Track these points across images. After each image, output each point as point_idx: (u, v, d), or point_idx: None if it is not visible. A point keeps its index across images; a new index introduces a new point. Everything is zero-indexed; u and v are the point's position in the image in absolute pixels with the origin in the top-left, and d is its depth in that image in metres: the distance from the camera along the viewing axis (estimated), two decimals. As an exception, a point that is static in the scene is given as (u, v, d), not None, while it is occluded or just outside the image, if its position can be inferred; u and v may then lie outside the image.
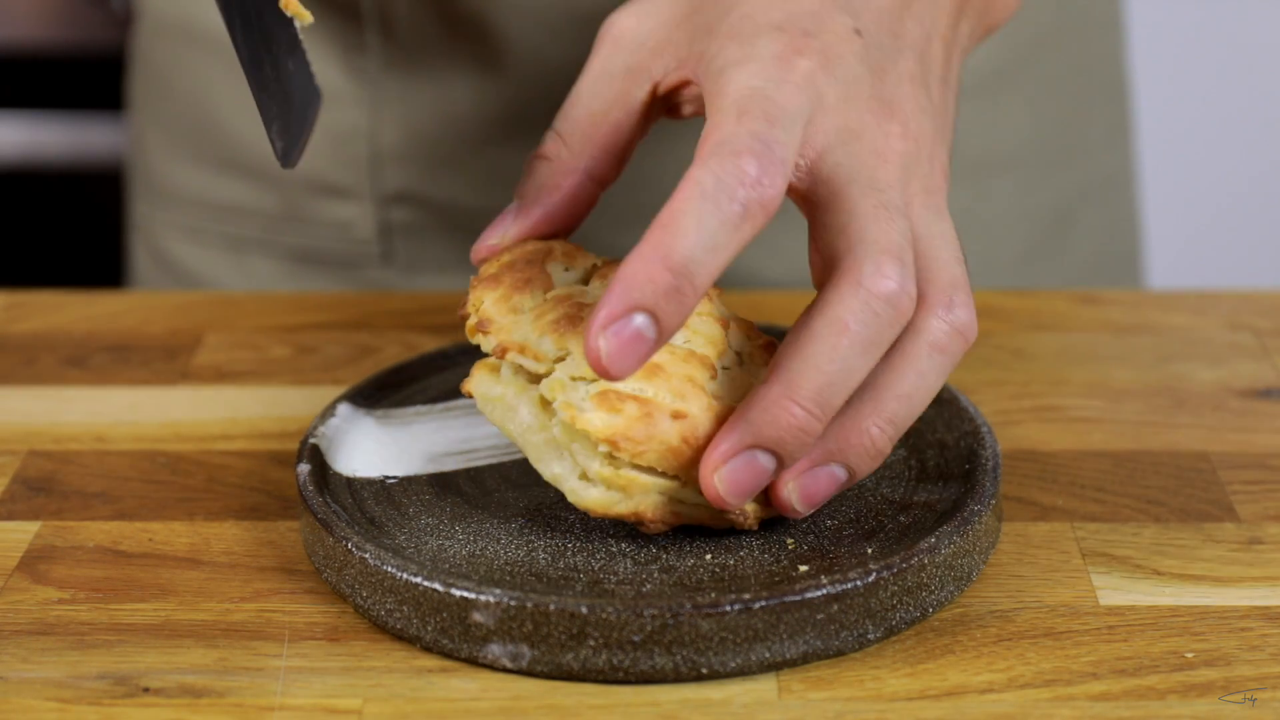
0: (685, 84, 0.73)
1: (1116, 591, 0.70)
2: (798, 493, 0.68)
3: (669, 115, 0.76)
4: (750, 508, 0.69)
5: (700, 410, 0.68)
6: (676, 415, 0.67)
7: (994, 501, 0.72)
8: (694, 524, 0.70)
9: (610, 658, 0.65)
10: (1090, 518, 0.75)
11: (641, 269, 0.62)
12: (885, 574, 0.67)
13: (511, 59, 1.00)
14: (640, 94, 0.74)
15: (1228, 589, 0.71)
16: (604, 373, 0.63)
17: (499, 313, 0.71)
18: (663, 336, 0.63)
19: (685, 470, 0.68)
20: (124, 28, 1.91)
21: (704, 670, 0.66)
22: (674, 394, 0.68)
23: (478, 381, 0.71)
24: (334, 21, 1.03)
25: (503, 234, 0.74)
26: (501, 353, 0.70)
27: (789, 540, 0.70)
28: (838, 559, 0.69)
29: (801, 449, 0.66)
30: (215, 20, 1.06)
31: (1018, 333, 0.91)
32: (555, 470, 0.70)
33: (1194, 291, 0.96)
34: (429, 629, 0.67)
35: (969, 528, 0.70)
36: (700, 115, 0.73)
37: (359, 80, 1.04)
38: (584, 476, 0.69)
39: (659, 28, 0.73)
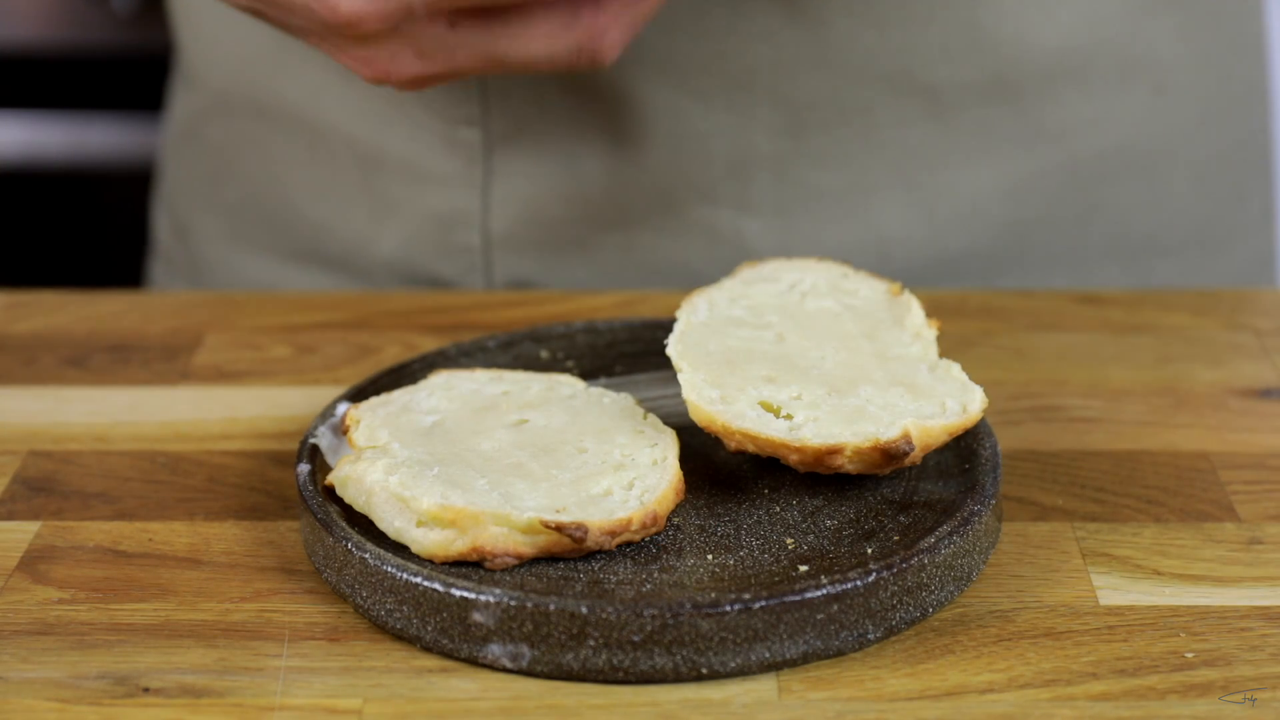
0: None
1: (1116, 591, 0.70)
2: None
3: None
4: (604, 538, 0.68)
5: None
6: None
7: (994, 501, 0.72)
8: (541, 556, 0.69)
9: (610, 658, 0.65)
10: (1090, 518, 0.75)
11: None
12: (885, 574, 0.67)
13: (651, 129, 0.91)
14: None
15: (1228, 589, 0.71)
16: None
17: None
18: None
19: None
20: (124, 28, 1.91)
21: (704, 670, 0.66)
22: None
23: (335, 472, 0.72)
24: (434, 90, 0.93)
25: None
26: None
27: (789, 540, 0.70)
28: (838, 559, 0.69)
29: None
30: (294, 96, 0.93)
31: (1018, 333, 0.91)
32: (397, 525, 0.69)
33: (1194, 291, 0.96)
34: (429, 629, 0.67)
35: (969, 528, 0.70)
36: None
37: (465, 157, 0.96)
38: (420, 524, 0.69)
39: None
